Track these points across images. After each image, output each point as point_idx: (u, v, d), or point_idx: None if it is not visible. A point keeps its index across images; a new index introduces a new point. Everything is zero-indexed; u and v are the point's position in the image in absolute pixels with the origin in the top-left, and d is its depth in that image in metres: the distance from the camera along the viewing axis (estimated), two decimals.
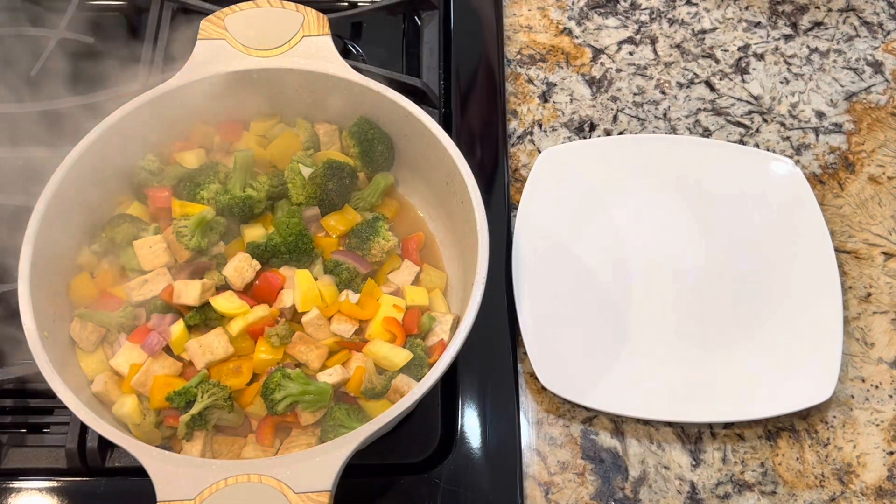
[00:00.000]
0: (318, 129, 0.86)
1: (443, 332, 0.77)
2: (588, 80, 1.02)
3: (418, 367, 0.74)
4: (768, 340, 0.84)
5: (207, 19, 0.84)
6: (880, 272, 0.90)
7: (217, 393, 0.70)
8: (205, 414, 0.70)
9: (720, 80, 1.02)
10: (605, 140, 0.96)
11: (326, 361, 0.75)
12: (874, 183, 0.95)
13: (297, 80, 0.83)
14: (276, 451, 0.73)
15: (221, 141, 0.85)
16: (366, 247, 0.80)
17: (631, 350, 0.84)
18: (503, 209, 0.91)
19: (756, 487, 0.79)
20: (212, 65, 0.82)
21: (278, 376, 0.71)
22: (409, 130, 0.82)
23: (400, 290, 0.80)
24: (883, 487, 0.79)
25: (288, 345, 0.75)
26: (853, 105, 1.01)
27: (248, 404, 0.73)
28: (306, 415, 0.71)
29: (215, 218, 0.78)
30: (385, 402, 0.73)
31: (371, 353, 0.74)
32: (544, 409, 0.83)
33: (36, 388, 0.83)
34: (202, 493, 0.62)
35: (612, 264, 0.89)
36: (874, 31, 1.06)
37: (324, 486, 0.63)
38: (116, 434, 0.65)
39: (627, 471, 0.80)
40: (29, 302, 0.70)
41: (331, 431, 0.71)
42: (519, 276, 0.86)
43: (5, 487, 0.77)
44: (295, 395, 0.70)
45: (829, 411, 0.83)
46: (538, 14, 1.07)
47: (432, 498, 0.77)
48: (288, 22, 0.83)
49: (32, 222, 0.73)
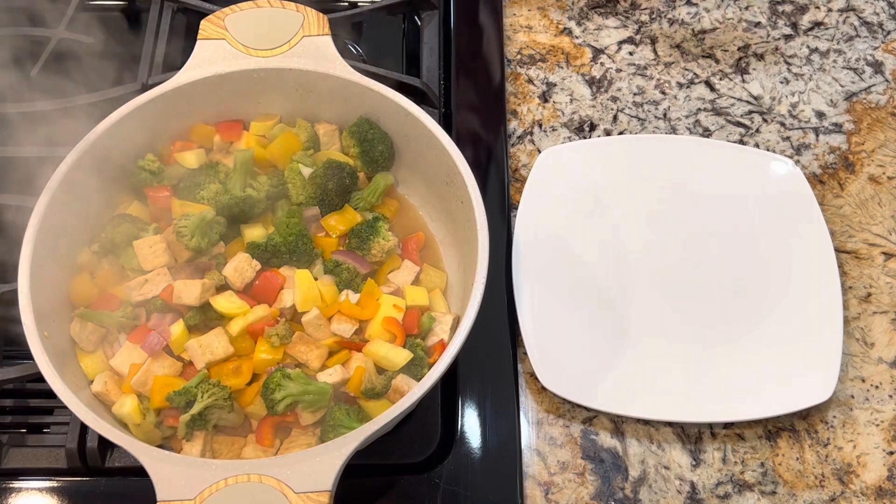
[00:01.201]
0: (318, 129, 0.86)
1: (443, 332, 0.77)
2: (588, 80, 1.02)
3: (418, 367, 0.74)
4: (768, 340, 0.84)
5: (207, 19, 0.84)
6: (880, 272, 0.90)
7: (217, 393, 0.70)
8: (205, 414, 0.70)
9: (720, 80, 1.02)
10: (605, 140, 0.96)
11: (326, 361, 0.75)
12: (874, 183, 0.95)
13: (297, 80, 0.83)
14: (276, 451, 0.73)
15: (221, 141, 0.85)
16: (366, 247, 0.80)
17: (631, 350, 0.84)
18: (503, 209, 0.91)
19: (756, 487, 0.79)
20: (212, 65, 0.82)
21: (278, 376, 0.71)
22: (409, 130, 0.82)
23: (400, 290, 0.80)
24: (883, 487, 0.79)
25: (288, 345, 0.75)
26: (853, 105, 1.01)
27: (248, 404, 0.73)
28: (306, 415, 0.71)
29: (215, 218, 0.78)
30: (385, 402, 0.73)
31: (371, 353, 0.74)
32: (544, 409, 0.83)
33: (36, 388, 0.83)
34: (202, 493, 0.62)
35: (612, 264, 0.89)
36: (874, 31, 1.06)
37: (324, 486, 0.63)
38: (116, 434, 0.65)
39: (627, 471, 0.80)
40: (29, 302, 0.70)
41: (331, 431, 0.71)
42: (519, 276, 0.86)
43: (5, 487, 0.77)
44: (295, 395, 0.70)
45: (829, 411, 0.83)
46: (538, 14, 1.07)
47: (432, 498, 0.77)
48: (288, 22, 0.83)
49: (32, 222, 0.73)
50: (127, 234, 0.78)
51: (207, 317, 0.76)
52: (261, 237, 0.79)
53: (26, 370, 0.78)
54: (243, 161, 0.81)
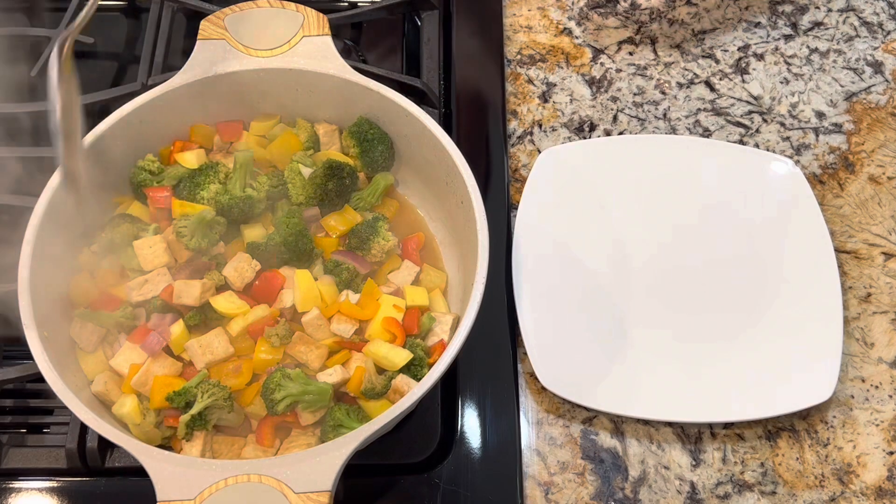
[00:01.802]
0: (318, 129, 0.86)
1: (443, 332, 0.77)
2: (588, 81, 1.02)
3: (418, 367, 0.74)
4: (768, 340, 0.84)
5: (207, 19, 0.84)
6: (880, 272, 0.90)
7: (217, 393, 0.70)
8: (205, 414, 0.70)
9: (720, 80, 1.02)
10: (605, 140, 0.96)
11: (326, 361, 0.75)
12: (874, 183, 0.95)
13: (297, 80, 0.83)
14: (276, 451, 0.73)
15: (221, 141, 0.85)
16: (366, 247, 0.80)
17: (631, 350, 0.84)
18: (503, 209, 0.91)
19: (756, 487, 0.79)
20: (212, 65, 0.82)
21: (278, 376, 0.71)
22: (409, 130, 0.82)
23: (400, 290, 0.80)
24: (883, 487, 0.79)
25: (288, 345, 0.75)
26: (853, 105, 1.01)
27: (248, 404, 0.73)
28: (306, 415, 0.71)
29: (215, 218, 0.78)
30: (385, 402, 0.73)
31: (371, 353, 0.74)
32: (544, 409, 0.83)
33: (36, 388, 0.83)
34: (202, 493, 0.62)
35: (612, 264, 0.89)
36: (874, 31, 1.06)
37: (324, 486, 0.63)
38: (116, 434, 0.65)
39: (627, 471, 0.80)
40: (29, 302, 0.70)
41: (331, 431, 0.71)
42: (519, 276, 0.86)
43: (5, 487, 0.77)
44: (295, 395, 0.70)
45: (829, 411, 0.83)
46: (538, 14, 1.07)
47: (432, 498, 0.77)
48: (288, 22, 0.83)
49: (32, 222, 0.73)
50: (127, 234, 0.78)
51: (207, 317, 0.76)
52: (261, 237, 0.79)
53: (26, 370, 0.78)
54: (243, 161, 0.81)
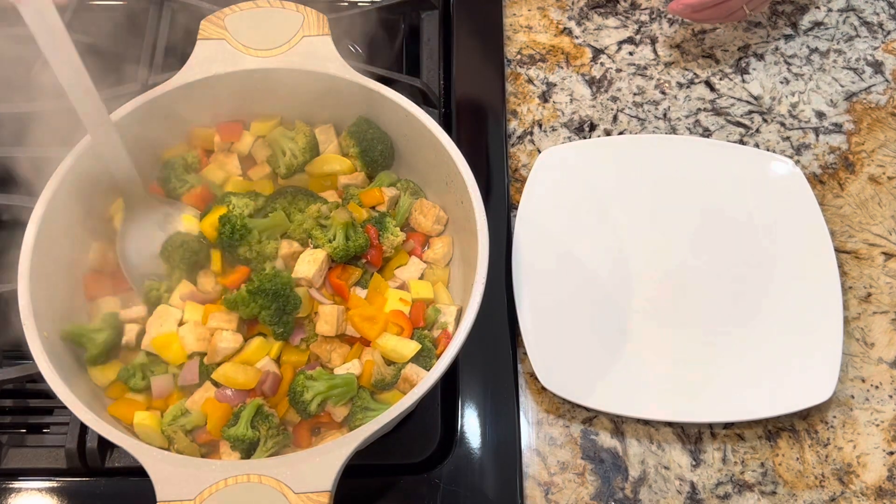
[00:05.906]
0: (316, 129, 0.86)
1: (447, 323, 0.77)
2: (588, 80, 1.02)
3: (426, 357, 0.74)
4: (768, 340, 0.84)
5: (207, 19, 0.84)
6: (880, 272, 0.90)
7: (275, 434, 0.71)
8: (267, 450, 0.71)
9: (720, 80, 1.02)
10: (605, 140, 0.96)
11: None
12: (874, 183, 0.95)
13: (297, 80, 0.83)
14: None
15: (221, 141, 0.85)
16: (377, 241, 0.80)
17: (631, 350, 0.84)
18: (503, 209, 0.91)
19: (756, 487, 0.79)
20: (212, 65, 0.82)
21: (302, 379, 0.72)
22: (409, 130, 0.82)
23: (405, 284, 0.80)
24: (883, 487, 0.79)
25: (313, 344, 0.76)
26: (853, 105, 1.01)
27: (283, 414, 0.74)
28: (338, 410, 0.73)
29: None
30: (396, 392, 0.74)
31: (380, 347, 0.75)
32: (544, 409, 0.83)
33: (36, 389, 0.83)
34: (202, 494, 0.62)
35: (612, 264, 0.89)
36: (874, 31, 1.06)
37: (324, 486, 0.63)
38: (116, 434, 0.65)
39: (627, 471, 0.80)
40: (29, 302, 0.70)
41: (359, 412, 0.72)
42: (519, 276, 0.86)
43: (5, 487, 0.77)
44: (323, 391, 0.71)
45: (829, 411, 0.83)
46: (538, 14, 1.07)
47: (432, 498, 0.77)
48: (288, 22, 0.83)
49: (32, 222, 0.73)
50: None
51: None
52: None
53: (26, 370, 0.78)
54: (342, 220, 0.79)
